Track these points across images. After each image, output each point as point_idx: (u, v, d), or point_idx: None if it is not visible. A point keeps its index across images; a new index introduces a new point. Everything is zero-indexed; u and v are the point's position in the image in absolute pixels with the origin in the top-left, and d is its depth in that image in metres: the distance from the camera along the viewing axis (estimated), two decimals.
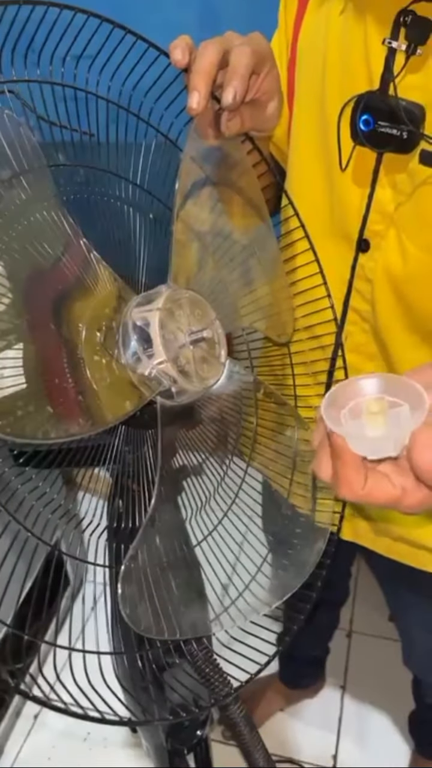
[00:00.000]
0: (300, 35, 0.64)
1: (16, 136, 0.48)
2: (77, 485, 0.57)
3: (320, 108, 0.61)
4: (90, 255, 0.51)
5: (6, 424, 0.40)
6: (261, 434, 0.61)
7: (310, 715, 1.40)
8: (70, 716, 0.47)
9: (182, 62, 0.51)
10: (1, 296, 0.46)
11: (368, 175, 0.58)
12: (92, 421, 0.46)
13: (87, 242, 0.50)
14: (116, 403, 0.49)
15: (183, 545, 0.55)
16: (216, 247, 0.59)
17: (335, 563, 0.61)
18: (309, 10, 0.63)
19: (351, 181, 0.60)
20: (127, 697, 0.57)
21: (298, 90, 0.65)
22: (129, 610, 0.46)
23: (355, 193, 0.60)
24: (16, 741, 1.36)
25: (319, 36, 0.61)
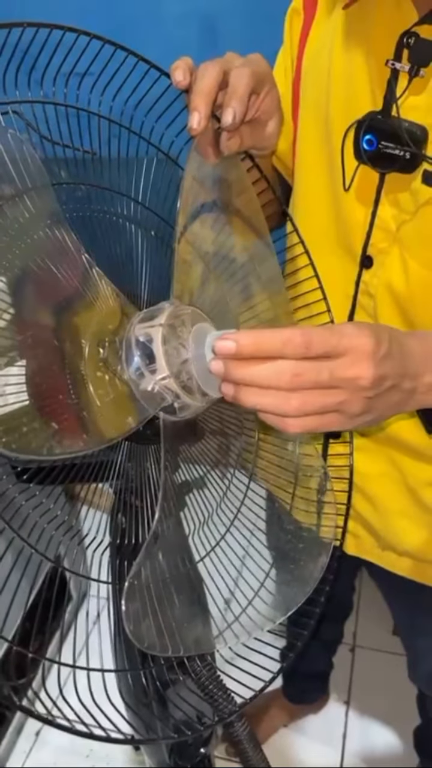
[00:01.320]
0: (305, 52, 0.65)
1: (20, 155, 0.49)
2: (80, 500, 0.57)
3: (325, 126, 0.62)
4: (92, 271, 0.51)
5: (11, 440, 0.40)
6: (263, 448, 0.61)
7: (314, 731, 1.39)
8: (75, 735, 0.47)
9: (183, 83, 0.52)
10: (1, 312, 0.47)
11: (372, 194, 0.59)
12: (96, 438, 0.46)
13: (89, 258, 0.51)
14: (119, 418, 0.50)
15: (186, 561, 0.55)
16: (217, 265, 0.59)
17: (339, 578, 0.60)
18: (314, 27, 0.64)
19: (355, 199, 0.61)
20: (131, 714, 0.56)
21: (303, 106, 0.65)
22: (133, 627, 0.46)
23: (358, 211, 0.61)
24: (18, 758, 1.35)
25: (324, 53, 0.62)
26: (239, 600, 0.56)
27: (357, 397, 0.44)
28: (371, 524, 0.76)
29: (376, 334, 0.44)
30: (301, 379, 0.42)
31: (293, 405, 0.42)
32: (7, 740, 1.34)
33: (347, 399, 0.44)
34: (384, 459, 0.71)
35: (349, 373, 0.43)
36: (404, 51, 0.54)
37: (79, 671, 0.50)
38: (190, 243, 0.55)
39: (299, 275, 0.66)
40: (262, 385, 0.42)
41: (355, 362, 0.43)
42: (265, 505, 0.62)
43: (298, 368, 0.42)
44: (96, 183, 0.55)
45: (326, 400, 0.43)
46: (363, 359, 0.43)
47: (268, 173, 0.66)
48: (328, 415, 0.45)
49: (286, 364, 0.42)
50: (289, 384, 0.42)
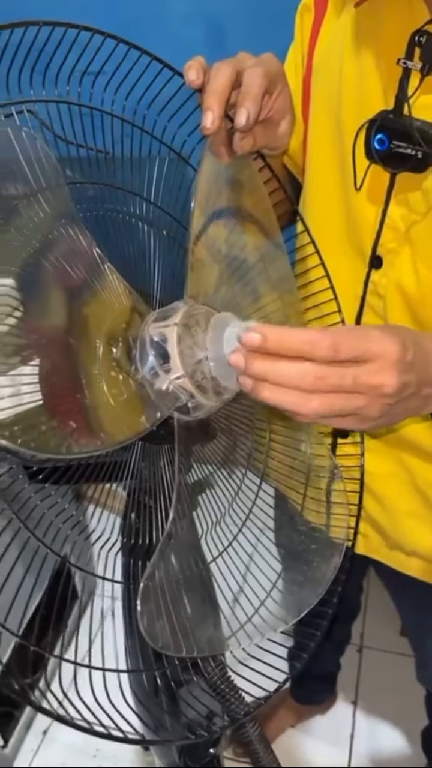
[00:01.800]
0: (316, 49, 0.64)
1: (35, 154, 0.49)
2: (91, 501, 0.57)
3: (336, 125, 0.61)
4: (106, 269, 0.51)
5: (30, 438, 0.40)
6: (274, 449, 0.61)
7: (322, 732, 1.39)
8: (90, 734, 0.47)
9: (196, 82, 0.52)
10: (12, 310, 0.47)
11: (382, 193, 0.59)
12: (112, 437, 0.46)
13: (103, 257, 0.51)
14: (133, 418, 0.50)
15: (199, 561, 0.55)
16: (229, 266, 0.59)
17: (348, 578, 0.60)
18: (325, 24, 0.63)
19: (365, 199, 0.60)
20: (142, 714, 0.56)
21: (314, 104, 0.65)
22: (147, 628, 0.46)
23: (369, 211, 0.61)
24: (25, 757, 1.35)
25: (335, 51, 0.61)
26: (252, 601, 0.56)
27: (377, 403, 0.44)
28: (379, 524, 0.76)
29: (403, 341, 0.44)
30: (323, 382, 0.42)
31: (312, 406, 0.42)
32: (15, 739, 1.34)
33: (367, 404, 0.44)
34: (392, 460, 0.71)
35: (373, 380, 0.43)
36: (416, 49, 0.54)
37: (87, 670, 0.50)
38: (205, 245, 0.55)
39: (310, 275, 0.66)
40: (283, 384, 0.42)
41: (380, 370, 0.43)
42: (274, 506, 0.62)
43: (322, 371, 0.42)
44: (109, 182, 0.55)
45: (346, 404, 0.43)
46: (388, 367, 0.43)
47: (279, 172, 0.66)
48: (345, 418, 0.45)
49: (311, 366, 0.42)
50: (312, 386, 0.42)
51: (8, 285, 0.47)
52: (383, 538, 0.78)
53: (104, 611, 0.56)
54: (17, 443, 0.41)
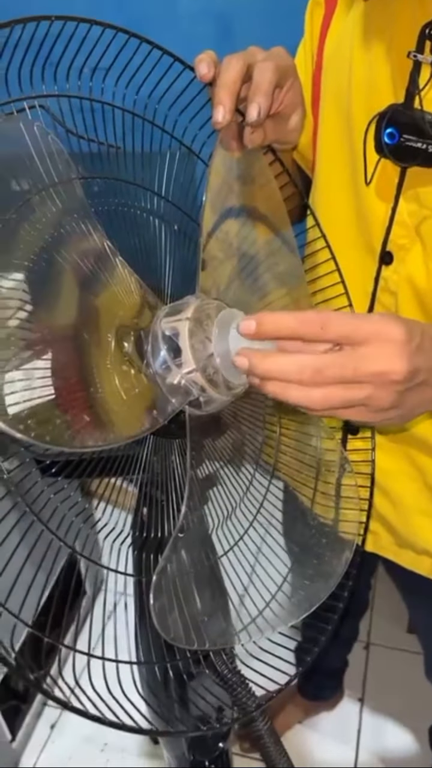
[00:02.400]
0: (326, 44, 0.64)
1: (47, 148, 0.49)
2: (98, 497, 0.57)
3: (346, 119, 0.61)
4: (117, 263, 0.51)
5: (44, 432, 0.40)
6: (284, 443, 0.61)
7: (329, 728, 1.39)
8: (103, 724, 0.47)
9: (207, 76, 0.52)
10: (24, 303, 0.47)
11: (392, 188, 0.58)
12: (124, 431, 0.46)
13: (114, 251, 0.51)
14: (145, 412, 0.50)
15: (210, 556, 0.55)
16: (239, 261, 0.59)
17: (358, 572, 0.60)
18: (335, 19, 0.63)
19: (375, 194, 0.60)
20: (153, 705, 0.57)
21: (323, 99, 0.65)
22: (159, 621, 0.46)
23: (378, 206, 0.60)
24: (33, 751, 1.36)
25: (345, 46, 0.61)
26: (263, 594, 0.56)
27: (386, 391, 0.43)
28: (389, 521, 0.76)
29: (407, 325, 0.44)
30: (323, 375, 0.42)
31: (315, 399, 0.42)
32: (23, 733, 1.35)
33: (374, 394, 0.43)
34: (403, 457, 0.71)
35: (376, 368, 0.42)
36: (426, 43, 0.54)
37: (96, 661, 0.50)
38: (217, 241, 0.55)
39: (320, 270, 0.66)
40: (285, 380, 0.42)
41: (384, 356, 0.42)
42: (283, 501, 0.62)
43: (318, 362, 0.42)
44: (120, 177, 0.55)
45: (351, 395, 0.43)
46: (393, 353, 0.43)
47: (289, 167, 0.65)
48: (354, 408, 0.44)
49: (308, 358, 0.42)
50: (311, 379, 0.42)
51: (19, 279, 0.47)
52: (393, 536, 0.77)
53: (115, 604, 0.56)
54: (31, 436, 0.42)
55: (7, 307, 0.46)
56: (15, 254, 0.47)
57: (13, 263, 0.47)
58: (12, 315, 0.46)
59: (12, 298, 0.46)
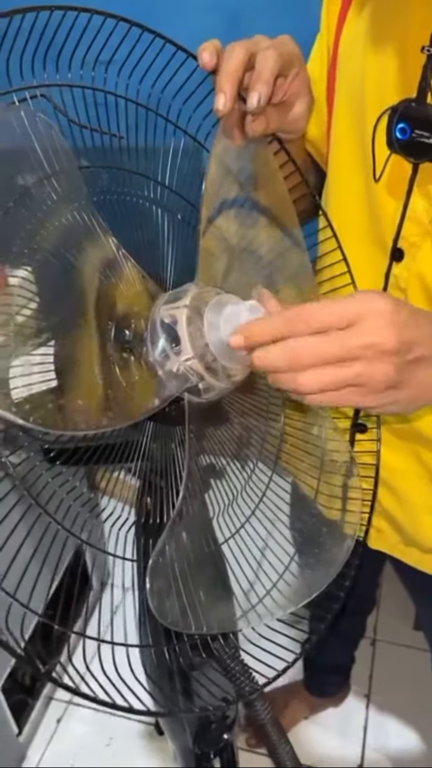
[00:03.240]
0: (341, 38, 0.63)
1: (48, 138, 0.49)
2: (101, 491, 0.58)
3: (359, 114, 0.61)
4: (119, 254, 0.52)
5: (38, 416, 0.41)
6: (288, 432, 0.61)
7: (335, 724, 1.39)
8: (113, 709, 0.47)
9: (210, 64, 0.52)
10: (29, 300, 0.48)
11: (404, 185, 0.57)
12: (121, 415, 0.46)
13: (116, 241, 0.51)
14: (144, 399, 0.50)
15: (210, 542, 0.55)
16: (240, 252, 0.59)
17: (364, 571, 0.60)
18: (350, 13, 0.63)
19: (386, 190, 0.59)
20: (155, 691, 0.57)
21: (338, 93, 0.64)
22: (157, 604, 0.47)
23: (389, 202, 0.60)
24: (39, 744, 1.37)
25: (360, 39, 0.60)
26: (263, 582, 0.56)
27: (378, 365, 0.42)
28: (396, 519, 0.75)
29: (392, 299, 0.42)
30: (308, 355, 0.41)
31: (302, 382, 0.41)
32: (29, 726, 1.35)
33: (366, 369, 0.41)
34: (410, 455, 0.71)
35: (364, 340, 0.41)
36: None
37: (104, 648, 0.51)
38: (215, 235, 0.55)
39: (327, 261, 0.66)
40: (274, 370, 0.42)
41: (371, 328, 0.41)
42: (289, 491, 0.62)
43: (297, 344, 0.41)
44: (122, 166, 0.56)
45: (339, 373, 0.41)
46: (381, 324, 0.41)
47: (300, 158, 0.65)
48: (345, 390, 0.42)
49: (292, 341, 0.41)
50: (295, 361, 0.41)
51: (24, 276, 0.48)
52: (400, 534, 0.77)
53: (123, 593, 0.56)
54: (29, 420, 0.42)
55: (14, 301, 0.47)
56: (15, 242, 0.47)
57: (12, 251, 0.47)
58: (22, 306, 0.47)
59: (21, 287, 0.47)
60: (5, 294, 0.47)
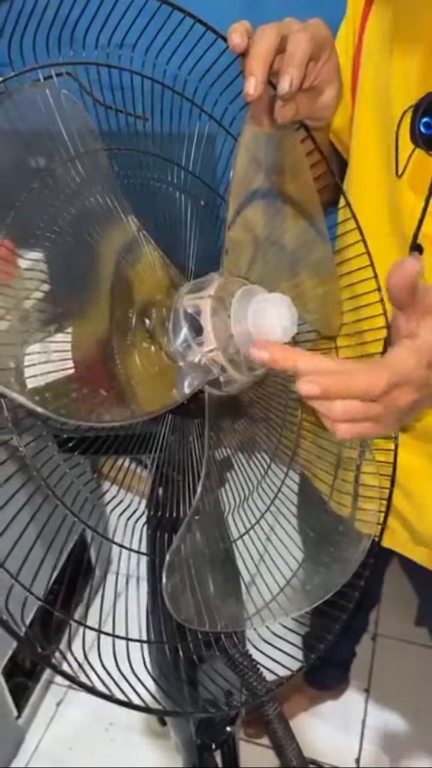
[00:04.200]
0: (367, 25, 0.62)
1: (73, 118, 0.48)
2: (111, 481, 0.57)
3: (385, 106, 0.59)
4: (141, 238, 0.50)
5: (61, 405, 0.40)
6: (305, 429, 0.60)
7: (334, 717, 1.39)
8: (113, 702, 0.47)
9: (240, 46, 0.50)
10: (41, 283, 0.46)
11: (426, 179, 0.56)
12: (142, 408, 0.45)
13: (139, 226, 0.50)
14: (164, 390, 0.49)
15: (225, 539, 0.54)
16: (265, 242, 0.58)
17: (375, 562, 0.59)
18: (376, 2, 0.61)
19: (408, 185, 0.58)
20: (161, 686, 0.56)
21: (362, 82, 0.62)
22: (172, 600, 0.46)
23: (411, 197, 0.58)
24: (37, 729, 1.37)
25: (387, 28, 0.58)
26: (278, 579, 0.55)
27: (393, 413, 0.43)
28: (406, 518, 0.75)
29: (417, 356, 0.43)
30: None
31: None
32: (29, 710, 1.36)
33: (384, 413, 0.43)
34: (423, 454, 0.70)
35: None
36: None
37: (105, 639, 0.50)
38: (241, 225, 0.53)
39: (350, 253, 0.64)
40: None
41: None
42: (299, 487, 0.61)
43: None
44: (146, 149, 0.54)
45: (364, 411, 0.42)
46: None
47: (324, 146, 0.64)
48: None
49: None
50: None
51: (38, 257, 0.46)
52: (409, 532, 0.76)
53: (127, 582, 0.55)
54: (48, 409, 0.41)
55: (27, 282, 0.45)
56: (37, 225, 0.46)
57: (35, 234, 0.46)
58: (34, 289, 0.46)
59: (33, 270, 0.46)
60: (18, 277, 0.46)
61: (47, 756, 1.33)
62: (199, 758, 0.75)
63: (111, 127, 0.54)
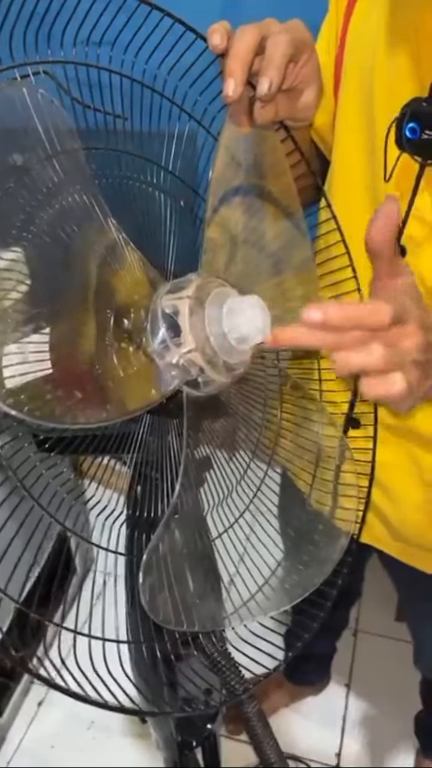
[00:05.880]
0: (350, 25, 0.62)
1: (51, 116, 0.47)
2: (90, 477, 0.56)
3: (368, 108, 0.59)
4: (120, 239, 0.50)
5: (35, 407, 0.39)
6: (285, 428, 0.60)
7: (315, 713, 1.40)
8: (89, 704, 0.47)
9: (220, 47, 0.50)
10: (19, 283, 0.46)
11: (410, 182, 0.56)
12: (120, 409, 0.45)
13: (117, 226, 0.50)
14: (142, 391, 0.49)
15: (203, 537, 0.55)
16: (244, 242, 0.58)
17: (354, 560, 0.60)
18: (360, 1, 0.61)
19: (393, 188, 0.58)
20: (140, 686, 0.56)
21: (345, 85, 0.63)
22: (149, 600, 0.46)
23: None
24: (19, 728, 1.37)
25: (371, 29, 0.58)
26: (256, 578, 0.55)
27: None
28: (384, 514, 0.76)
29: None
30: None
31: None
32: (11, 709, 1.35)
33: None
34: (402, 452, 0.70)
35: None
36: None
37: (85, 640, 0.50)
38: (220, 225, 0.53)
39: (331, 251, 0.64)
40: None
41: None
42: (280, 486, 0.62)
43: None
44: (125, 149, 0.54)
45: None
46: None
47: (305, 145, 0.63)
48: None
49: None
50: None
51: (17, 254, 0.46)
52: (387, 528, 0.77)
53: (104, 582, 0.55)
54: (23, 411, 0.41)
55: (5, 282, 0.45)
56: (15, 225, 0.46)
57: (12, 234, 0.46)
58: (10, 289, 0.45)
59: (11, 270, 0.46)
60: None
61: (29, 754, 1.33)
62: (180, 756, 0.75)
63: (89, 125, 0.53)
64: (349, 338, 0.42)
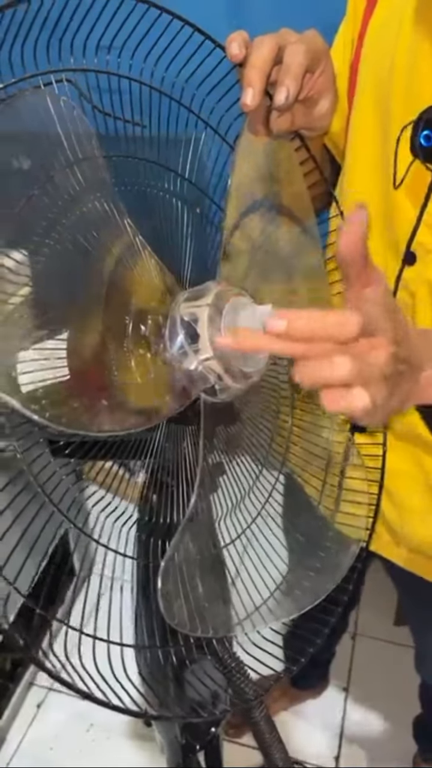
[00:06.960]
0: (368, 31, 0.62)
1: (73, 124, 0.48)
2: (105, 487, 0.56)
3: (384, 114, 0.59)
4: (138, 245, 0.50)
5: (60, 413, 0.40)
6: (296, 434, 0.61)
7: (314, 716, 1.40)
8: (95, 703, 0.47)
9: (239, 56, 0.51)
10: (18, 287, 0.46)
11: (423, 189, 0.57)
12: (143, 416, 0.45)
13: (136, 232, 0.50)
14: (160, 397, 0.49)
15: (215, 544, 0.55)
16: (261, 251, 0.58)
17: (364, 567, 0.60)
18: (379, 6, 0.61)
19: (405, 195, 0.59)
20: (147, 690, 0.57)
21: (360, 91, 0.63)
22: (166, 607, 0.46)
23: (406, 206, 0.59)
24: (19, 730, 1.37)
25: (389, 38, 0.59)
26: (268, 584, 0.56)
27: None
28: (388, 520, 0.76)
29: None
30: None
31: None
32: (10, 711, 1.35)
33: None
34: (408, 457, 0.70)
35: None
36: None
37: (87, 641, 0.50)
38: (237, 233, 0.54)
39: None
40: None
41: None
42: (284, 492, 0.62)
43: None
44: (144, 156, 0.55)
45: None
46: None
47: (318, 152, 0.64)
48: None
49: None
50: None
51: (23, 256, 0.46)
52: (391, 534, 0.77)
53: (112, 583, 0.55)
54: (45, 417, 0.41)
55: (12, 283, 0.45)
56: (36, 231, 0.46)
57: (33, 240, 0.46)
58: (14, 292, 0.46)
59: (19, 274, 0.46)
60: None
61: (28, 756, 1.33)
62: (184, 759, 0.76)
63: (108, 131, 0.54)
64: (314, 348, 0.39)
